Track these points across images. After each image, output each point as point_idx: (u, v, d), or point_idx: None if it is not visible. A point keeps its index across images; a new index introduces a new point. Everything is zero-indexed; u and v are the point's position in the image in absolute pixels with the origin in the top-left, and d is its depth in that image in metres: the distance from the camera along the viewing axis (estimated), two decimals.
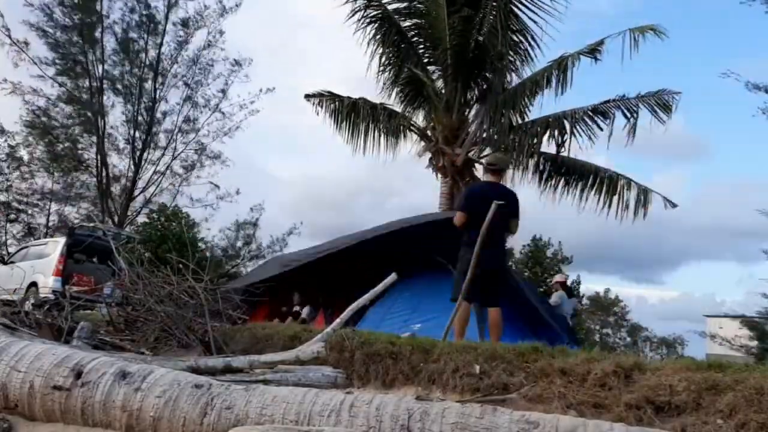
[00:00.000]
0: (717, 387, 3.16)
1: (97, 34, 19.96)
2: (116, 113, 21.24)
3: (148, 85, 20.92)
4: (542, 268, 25.69)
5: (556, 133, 10.35)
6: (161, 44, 20.72)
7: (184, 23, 20.78)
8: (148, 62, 20.72)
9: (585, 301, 32.06)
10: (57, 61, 19.87)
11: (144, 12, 20.42)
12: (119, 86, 20.69)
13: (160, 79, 20.95)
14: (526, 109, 10.96)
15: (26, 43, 19.35)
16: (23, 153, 20.89)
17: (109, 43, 20.36)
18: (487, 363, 4.03)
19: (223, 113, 21.46)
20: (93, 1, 19.63)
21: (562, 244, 26.40)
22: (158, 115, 21.25)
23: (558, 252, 26.41)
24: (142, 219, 21.92)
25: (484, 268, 5.04)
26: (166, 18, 20.62)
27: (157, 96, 21.02)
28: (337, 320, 4.91)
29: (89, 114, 20.35)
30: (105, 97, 20.60)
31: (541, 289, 19.99)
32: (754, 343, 15.44)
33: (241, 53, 21.96)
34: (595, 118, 10.38)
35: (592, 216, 10.65)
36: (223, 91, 21.27)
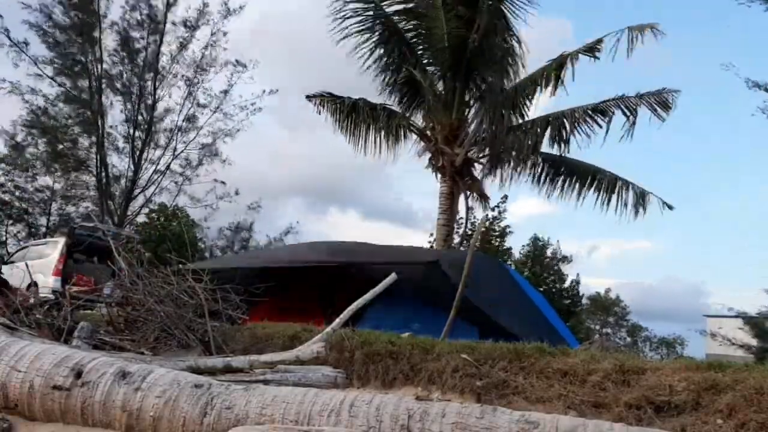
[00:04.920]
0: (717, 387, 3.17)
1: (96, 33, 19.95)
2: (116, 113, 21.24)
3: (148, 84, 20.91)
4: (542, 267, 25.85)
5: (556, 131, 10.36)
6: (161, 44, 20.71)
7: (185, 24, 20.77)
8: (148, 61, 20.71)
9: (585, 300, 32.12)
10: (56, 60, 19.87)
11: (144, 11, 20.41)
12: (118, 85, 20.68)
13: (159, 79, 20.95)
14: (525, 109, 10.97)
15: (26, 43, 19.37)
16: (25, 152, 20.89)
17: (108, 41, 20.35)
18: (487, 363, 4.03)
19: (225, 114, 21.49)
20: (91, 1, 19.63)
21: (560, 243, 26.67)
22: (158, 113, 21.26)
23: (557, 251, 26.62)
24: (141, 219, 21.95)
25: None
26: (165, 17, 20.61)
27: (157, 95, 21.02)
28: (337, 320, 4.91)
29: (89, 113, 20.35)
30: (104, 97, 20.60)
31: (541, 288, 20.06)
32: (754, 342, 15.43)
33: (244, 54, 21.87)
34: (595, 117, 10.38)
35: None
36: (226, 92, 21.28)
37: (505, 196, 22.23)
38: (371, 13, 11.09)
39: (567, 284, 26.12)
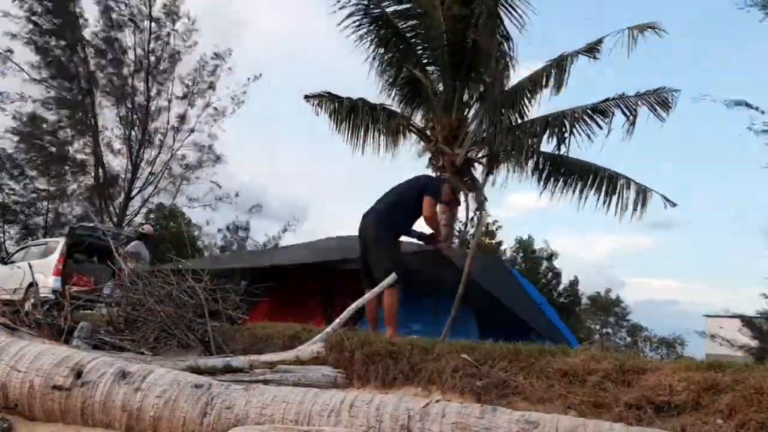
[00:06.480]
0: (717, 387, 3.16)
1: (78, 35, 19.94)
2: (110, 113, 21.25)
3: (137, 82, 20.91)
4: (532, 261, 26.42)
5: (556, 131, 10.35)
6: (149, 42, 20.72)
7: (156, 20, 20.76)
8: (136, 60, 20.73)
9: (585, 300, 32.32)
10: (43, 66, 19.88)
11: (125, 12, 20.41)
12: (108, 88, 20.67)
13: (150, 79, 20.94)
14: (526, 109, 10.96)
15: (11, 51, 19.41)
16: (19, 157, 20.90)
17: (93, 42, 20.35)
18: (487, 363, 4.03)
19: (216, 109, 21.51)
20: (71, 3, 19.64)
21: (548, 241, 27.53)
22: (152, 112, 21.25)
23: (545, 247, 27.37)
24: (140, 219, 21.95)
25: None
26: (150, 15, 20.61)
27: (150, 94, 21.01)
28: (337, 320, 4.91)
29: (81, 115, 20.34)
30: (96, 98, 20.58)
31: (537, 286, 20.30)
32: (755, 342, 15.46)
33: (219, 47, 21.82)
34: (595, 117, 10.37)
35: None
36: (212, 85, 21.30)
37: (485, 197, 22.46)
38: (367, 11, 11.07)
39: (564, 282, 26.44)
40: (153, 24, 20.54)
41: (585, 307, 33.07)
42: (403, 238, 5.67)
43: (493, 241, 24.97)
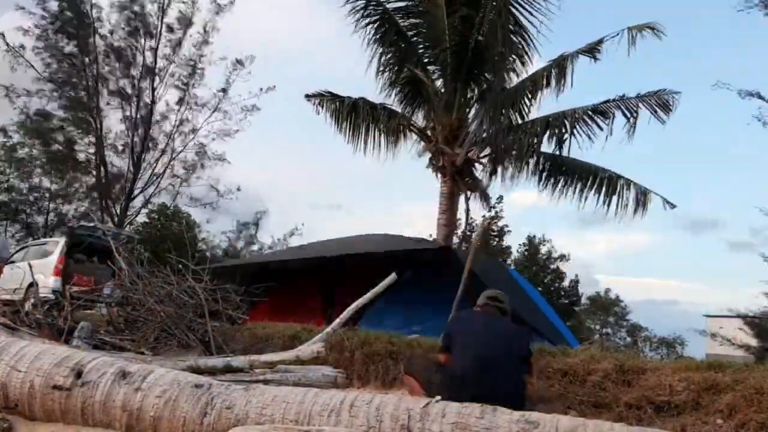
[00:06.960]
0: (717, 387, 3.17)
1: (90, 37, 19.92)
2: (114, 113, 21.22)
3: (144, 85, 20.86)
4: (539, 266, 26.26)
5: (556, 131, 10.35)
6: (157, 47, 20.67)
7: (178, 22, 20.73)
8: (144, 64, 20.67)
9: (585, 300, 32.33)
10: (52, 65, 19.85)
11: (137, 12, 20.37)
12: (113, 87, 20.65)
13: (157, 81, 20.91)
14: (526, 109, 10.96)
15: (23, 47, 19.37)
16: (21, 153, 20.89)
17: (103, 44, 20.33)
18: None
19: (225, 113, 21.43)
20: (83, 5, 19.63)
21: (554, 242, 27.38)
22: (156, 116, 21.21)
23: (552, 249, 27.24)
24: (141, 219, 21.95)
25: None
26: (161, 20, 20.57)
27: (155, 97, 20.96)
28: (337, 320, 4.92)
29: (85, 114, 20.31)
30: (101, 98, 20.55)
31: (539, 288, 20.20)
32: (754, 342, 15.45)
33: (242, 52, 21.84)
34: (595, 118, 10.37)
35: None
36: (224, 90, 21.22)
37: (500, 197, 22.41)
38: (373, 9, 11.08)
39: (566, 283, 26.38)
40: (166, 29, 20.50)
41: (584, 306, 33.05)
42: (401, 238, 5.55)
43: (502, 243, 24.88)
